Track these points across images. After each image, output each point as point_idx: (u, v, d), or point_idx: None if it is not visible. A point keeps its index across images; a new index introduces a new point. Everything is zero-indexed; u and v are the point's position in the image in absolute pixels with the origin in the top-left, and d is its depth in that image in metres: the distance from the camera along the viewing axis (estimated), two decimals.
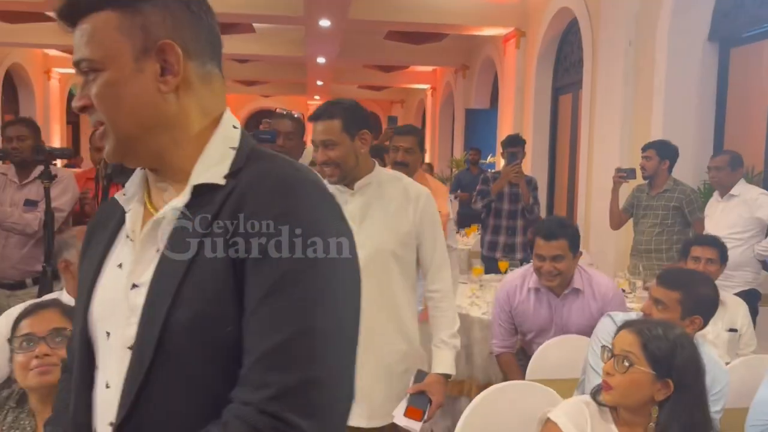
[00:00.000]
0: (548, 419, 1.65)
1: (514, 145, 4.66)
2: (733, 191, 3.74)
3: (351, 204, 2.00)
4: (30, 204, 3.10)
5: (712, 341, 2.65)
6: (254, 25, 9.26)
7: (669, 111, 4.75)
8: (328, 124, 1.96)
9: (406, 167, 3.04)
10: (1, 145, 3.15)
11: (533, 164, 7.10)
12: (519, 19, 7.68)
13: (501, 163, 7.73)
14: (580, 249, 2.66)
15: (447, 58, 10.46)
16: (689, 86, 4.74)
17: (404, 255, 2.04)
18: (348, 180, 2.02)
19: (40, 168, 3.00)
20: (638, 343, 1.59)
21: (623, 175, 4.15)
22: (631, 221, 4.22)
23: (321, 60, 10.31)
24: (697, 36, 4.73)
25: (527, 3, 7.57)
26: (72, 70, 12.27)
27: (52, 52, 11.83)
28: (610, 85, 5.42)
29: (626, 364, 1.57)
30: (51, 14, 8.63)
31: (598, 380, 1.96)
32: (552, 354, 2.48)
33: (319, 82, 13.19)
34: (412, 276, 2.10)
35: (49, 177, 2.86)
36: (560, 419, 1.62)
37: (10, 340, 1.65)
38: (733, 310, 2.82)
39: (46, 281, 2.87)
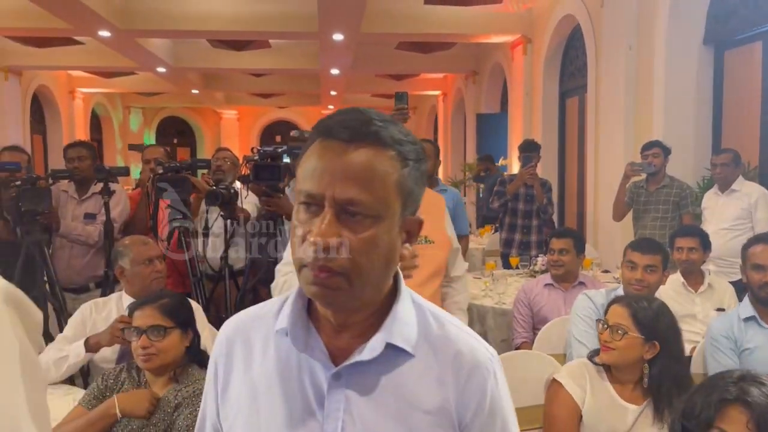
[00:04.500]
0: (554, 380, 1.98)
1: (530, 150, 4.96)
2: (734, 186, 4.03)
3: None
4: (89, 217, 3.46)
5: (701, 320, 2.95)
6: (270, 40, 9.64)
7: (669, 111, 5.04)
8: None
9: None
10: (64, 166, 3.51)
11: (543, 165, 7.33)
12: (525, 26, 7.99)
13: (514, 165, 8.05)
14: (588, 247, 3.30)
15: (457, 65, 10.77)
16: (687, 88, 5.03)
17: None
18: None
19: (98, 185, 3.36)
20: (628, 315, 1.93)
21: (638, 168, 4.33)
22: (630, 216, 4.51)
23: (335, 71, 10.65)
24: (692, 40, 5.01)
25: (533, 11, 7.88)
26: (95, 89, 12.45)
27: (76, 72, 12.30)
28: (612, 88, 5.71)
29: (621, 332, 1.90)
30: (78, 38, 9.07)
31: (580, 347, 2.34)
32: (553, 333, 2.84)
33: (333, 92, 13.57)
34: None
35: (108, 193, 3.23)
36: (564, 379, 1.95)
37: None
38: (720, 292, 3.12)
39: (108, 284, 3.23)
